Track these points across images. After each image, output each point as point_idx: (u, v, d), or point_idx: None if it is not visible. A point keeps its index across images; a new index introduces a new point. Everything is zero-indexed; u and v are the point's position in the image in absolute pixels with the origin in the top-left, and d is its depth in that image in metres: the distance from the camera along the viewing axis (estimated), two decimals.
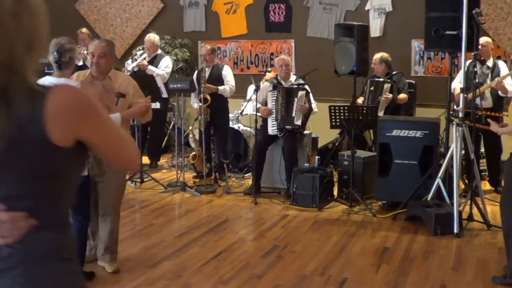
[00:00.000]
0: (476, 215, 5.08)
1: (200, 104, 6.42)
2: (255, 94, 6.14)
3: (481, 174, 6.02)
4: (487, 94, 6.02)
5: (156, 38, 7.35)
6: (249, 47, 8.51)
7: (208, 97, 6.48)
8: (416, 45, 7.51)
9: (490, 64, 6.07)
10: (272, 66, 7.81)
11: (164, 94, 6.98)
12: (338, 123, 5.78)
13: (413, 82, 7.06)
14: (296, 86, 6.25)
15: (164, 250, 4.51)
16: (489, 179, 6.41)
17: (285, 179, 6.21)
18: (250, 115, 6.81)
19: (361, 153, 6.08)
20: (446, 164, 5.23)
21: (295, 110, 6.13)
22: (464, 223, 4.98)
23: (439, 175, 5.20)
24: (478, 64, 5.21)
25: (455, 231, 4.84)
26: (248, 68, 8.52)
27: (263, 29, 8.38)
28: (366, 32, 6.92)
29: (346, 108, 5.74)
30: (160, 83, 6.90)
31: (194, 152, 6.73)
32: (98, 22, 9.21)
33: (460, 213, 4.93)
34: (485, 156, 6.44)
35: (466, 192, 5.41)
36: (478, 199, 5.16)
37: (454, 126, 5.13)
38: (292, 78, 6.43)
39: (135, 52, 7.63)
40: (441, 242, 4.74)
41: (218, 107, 6.64)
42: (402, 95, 6.51)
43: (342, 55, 6.72)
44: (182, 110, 6.89)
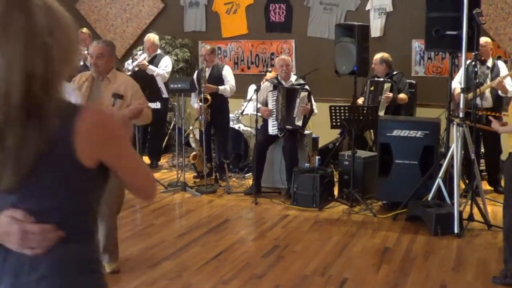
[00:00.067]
0: (477, 215, 5.08)
1: (201, 104, 6.42)
2: (255, 94, 6.14)
3: (481, 174, 6.02)
4: (487, 94, 6.02)
5: (155, 38, 7.34)
6: (249, 47, 8.51)
7: (208, 97, 6.48)
8: (417, 45, 7.51)
9: (489, 64, 6.07)
10: (272, 66, 7.82)
11: (165, 94, 6.98)
12: (338, 123, 5.78)
13: (413, 82, 7.06)
14: (299, 87, 6.25)
15: (164, 250, 4.51)
16: (488, 179, 6.40)
17: (285, 179, 6.21)
18: (250, 115, 6.81)
19: (361, 153, 6.08)
20: (446, 164, 5.23)
21: (296, 111, 6.13)
22: (464, 223, 4.98)
23: (440, 175, 5.20)
24: (478, 64, 5.20)
25: (456, 231, 4.84)
26: (249, 68, 8.52)
27: (264, 29, 8.38)
28: (366, 32, 6.91)
29: (347, 108, 5.74)
30: (160, 83, 6.90)
31: (194, 152, 6.73)
32: (99, 22, 9.22)
33: (460, 213, 4.93)
34: (484, 156, 6.44)
35: (466, 192, 5.41)
36: (479, 199, 5.16)
37: (455, 126, 5.13)
38: (292, 78, 6.43)
39: (136, 52, 7.63)
40: (441, 242, 4.74)
41: (218, 107, 6.64)
42: (402, 95, 6.51)
43: (343, 55, 6.72)
44: (182, 110, 6.89)
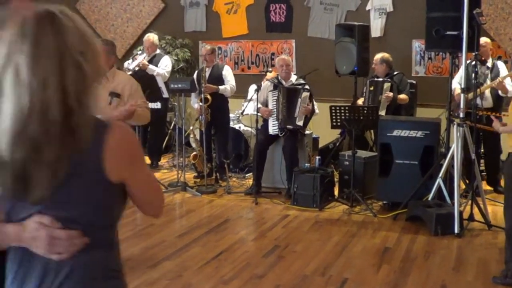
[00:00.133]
0: (477, 215, 5.08)
1: (201, 104, 6.42)
2: (256, 94, 6.14)
3: (481, 174, 6.02)
4: (487, 94, 6.02)
5: (155, 38, 7.34)
6: (249, 47, 8.51)
7: (208, 97, 6.48)
8: (417, 45, 7.51)
9: (489, 65, 6.07)
10: (273, 66, 7.82)
11: (165, 94, 6.98)
12: (339, 123, 5.78)
13: (414, 82, 7.06)
14: (301, 87, 6.25)
15: (164, 250, 4.51)
16: (487, 179, 6.40)
17: (286, 179, 6.21)
18: (251, 115, 6.82)
19: (362, 153, 6.07)
20: (447, 164, 5.23)
21: (298, 111, 6.13)
22: (464, 223, 4.98)
23: (440, 175, 5.20)
24: (478, 64, 5.20)
25: (456, 231, 4.84)
26: (249, 68, 8.52)
27: (264, 29, 8.38)
28: (367, 32, 6.92)
29: (347, 108, 5.74)
30: (161, 83, 6.91)
31: (195, 152, 6.73)
32: (99, 22, 9.22)
33: (460, 213, 4.93)
34: (484, 156, 6.43)
35: (467, 192, 5.41)
36: (479, 199, 5.16)
37: (455, 126, 5.13)
38: (292, 78, 6.43)
39: (136, 52, 7.64)
40: (441, 242, 4.74)
41: (218, 107, 6.64)
42: (403, 96, 6.51)
43: (343, 55, 6.72)
44: (183, 110, 6.89)
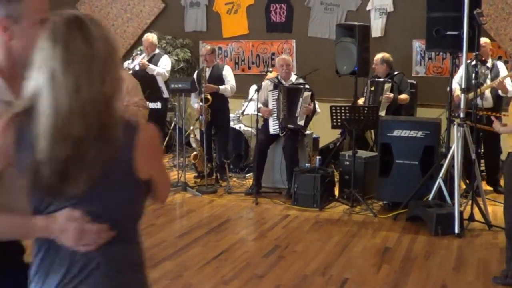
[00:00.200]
0: (477, 215, 5.07)
1: (201, 104, 6.42)
2: (256, 94, 6.14)
3: (481, 174, 6.02)
4: (487, 94, 6.02)
5: (154, 38, 7.34)
6: (250, 47, 8.51)
7: (209, 96, 6.48)
8: (417, 45, 7.51)
9: (489, 65, 6.07)
10: (273, 66, 7.81)
11: (165, 94, 6.99)
12: (339, 123, 5.78)
13: (414, 82, 7.07)
14: (302, 87, 6.25)
15: (165, 250, 4.51)
16: (487, 179, 6.40)
17: (286, 179, 6.21)
18: (251, 115, 6.82)
19: (362, 153, 6.08)
20: (447, 164, 5.23)
21: (299, 110, 6.13)
22: (465, 223, 4.98)
23: (440, 175, 5.20)
24: (478, 64, 5.20)
25: (456, 231, 4.84)
26: (249, 68, 8.53)
27: (264, 29, 8.38)
28: (367, 32, 6.92)
29: (347, 108, 5.74)
30: (161, 83, 6.91)
31: (195, 152, 6.73)
32: None
33: (461, 213, 4.93)
34: (484, 157, 6.43)
35: (467, 192, 5.41)
36: (479, 199, 5.16)
37: (455, 126, 5.13)
38: (292, 78, 6.43)
39: (136, 52, 7.64)
40: (442, 242, 4.74)
41: (219, 106, 6.64)
42: (403, 96, 6.51)
43: (343, 55, 6.72)
44: (183, 110, 6.89)
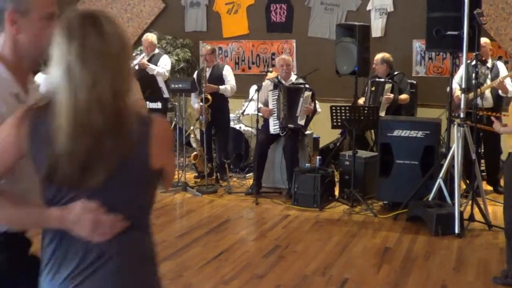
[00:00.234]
0: (477, 215, 5.07)
1: (201, 104, 6.42)
2: (256, 94, 6.14)
3: (482, 174, 6.01)
4: (488, 94, 6.02)
5: (153, 38, 7.34)
6: (250, 47, 8.51)
7: (209, 96, 6.48)
8: (418, 45, 7.51)
9: (489, 65, 6.07)
10: (273, 66, 7.81)
11: (165, 94, 6.98)
12: (339, 123, 5.78)
13: (414, 82, 7.07)
14: (303, 86, 6.25)
15: (165, 250, 4.51)
16: (487, 179, 6.40)
17: (286, 179, 6.21)
18: (251, 115, 6.82)
19: (362, 153, 6.08)
20: (447, 164, 5.23)
21: (299, 110, 6.13)
22: (465, 223, 4.98)
23: (440, 175, 5.20)
24: (479, 64, 5.21)
25: (456, 231, 4.84)
26: (250, 68, 8.53)
27: (265, 29, 8.38)
28: (367, 32, 6.91)
29: (348, 108, 5.74)
30: (161, 83, 6.91)
31: (195, 152, 6.74)
32: None
33: (461, 213, 4.93)
34: (484, 157, 6.43)
35: (467, 193, 5.41)
36: (479, 200, 5.16)
37: (456, 126, 5.13)
38: (292, 78, 6.43)
39: (136, 52, 7.64)
40: (442, 242, 4.74)
41: (219, 106, 6.64)
42: (403, 96, 6.51)
43: (343, 55, 6.72)
44: (183, 110, 6.89)
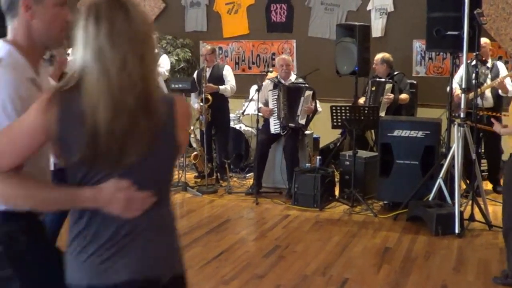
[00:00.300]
0: (478, 215, 5.08)
1: (201, 104, 6.42)
2: (256, 94, 6.14)
3: (482, 174, 6.02)
4: (488, 94, 6.02)
5: None
6: (250, 47, 8.51)
7: (209, 97, 6.49)
8: (418, 45, 7.51)
9: (489, 65, 6.08)
10: (273, 66, 7.81)
11: None
12: (339, 123, 5.78)
13: (414, 82, 7.07)
14: (304, 85, 6.26)
15: None
16: (489, 179, 6.40)
17: (286, 179, 6.21)
18: (251, 115, 6.82)
19: (362, 153, 6.08)
20: (447, 164, 5.23)
21: (300, 109, 6.13)
22: (465, 223, 4.98)
23: (441, 175, 5.20)
24: (479, 64, 5.21)
25: (457, 231, 4.84)
26: (250, 68, 8.53)
27: (265, 29, 8.38)
28: (367, 32, 6.91)
29: (348, 108, 5.74)
30: (161, 83, 6.90)
31: (195, 152, 6.74)
32: None
33: (461, 213, 4.93)
34: (485, 156, 6.44)
35: (467, 192, 5.41)
36: (480, 199, 5.16)
37: (456, 126, 5.13)
38: (292, 77, 6.43)
39: None
40: (442, 242, 4.74)
41: (219, 107, 6.64)
42: (403, 96, 6.52)
43: (344, 55, 6.72)
44: None
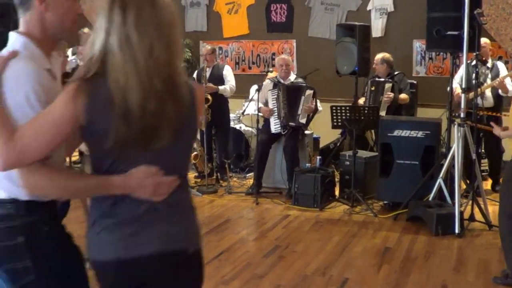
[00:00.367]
0: (478, 215, 5.08)
1: None
2: (257, 94, 6.14)
3: (482, 174, 6.02)
4: (488, 93, 6.02)
5: None
6: (250, 47, 8.51)
7: (209, 96, 6.49)
8: (418, 45, 7.51)
9: (489, 65, 6.08)
10: (273, 66, 7.81)
11: None
12: (339, 123, 5.78)
13: (414, 82, 7.07)
14: (304, 85, 6.26)
15: None
16: (490, 176, 6.39)
17: (286, 179, 6.21)
18: (251, 115, 6.81)
19: (362, 153, 6.08)
20: (447, 164, 5.23)
21: (301, 108, 6.13)
22: (465, 223, 4.98)
23: (441, 175, 5.20)
24: (479, 64, 5.21)
25: (457, 231, 4.84)
26: (250, 68, 8.53)
27: (265, 29, 8.38)
28: (367, 32, 6.91)
29: (348, 108, 5.74)
30: None
31: (195, 152, 6.73)
32: None
33: (461, 213, 4.93)
34: (486, 156, 6.44)
35: (467, 192, 5.41)
36: (480, 199, 5.16)
37: (456, 126, 5.13)
38: (291, 77, 6.43)
39: None
40: (442, 242, 4.74)
41: (219, 107, 6.64)
42: (403, 96, 6.51)
43: (344, 55, 6.71)
44: None
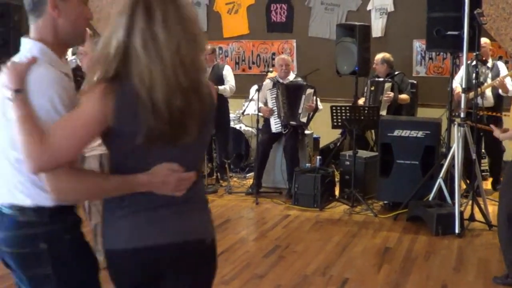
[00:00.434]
0: (478, 215, 5.08)
1: None
2: (257, 94, 6.14)
3: (482, 174, 6.02)
4: (488, 93, 6.03)
5: None
6: (250, 47, 8.51)
7: None
8: (418, 45, 7.51)
9: (489, 65, 6.08)
10: (273, 66, 7.81)
11: None
12: (339, 123, 5.79)
13: (414, 82, 7.07)
14: (305, 84, 6.26)
15: None
16: (491, 175, 6.39)
17: (286, 179, 6.21)
18: (251, 115, 6.81)
19: (362, 153, 6.08)
20: (447, 164, 5.23)
21: (302, 107, 6.13)
22: (465, 223, 4.98)
23: (441, 175, 5.20)
24: (479, 64, 5.21)
25: (457, 231, 4.84)
26: (250, 68, 8.53)
27: (265, 29, 8.38)
28: (367, 32, 6.90)
29: (348, 108, 5.74)
30: None
31: None
32: (101, 22, 9.21)
33: (461, 213, 4.94)
34: (487, 155, 6.44)
35: (467, 192, 5.41)
36: (480, 199, 5.16)
37: (456, 126, 5.13)
38: (290, 77, 6.43)
39: None
40: (442, 242, 4.74)
41: (218, 107, 6.48)
42: (404, 96, 6.52)
43: (344, 55, 6.71)
44: None
